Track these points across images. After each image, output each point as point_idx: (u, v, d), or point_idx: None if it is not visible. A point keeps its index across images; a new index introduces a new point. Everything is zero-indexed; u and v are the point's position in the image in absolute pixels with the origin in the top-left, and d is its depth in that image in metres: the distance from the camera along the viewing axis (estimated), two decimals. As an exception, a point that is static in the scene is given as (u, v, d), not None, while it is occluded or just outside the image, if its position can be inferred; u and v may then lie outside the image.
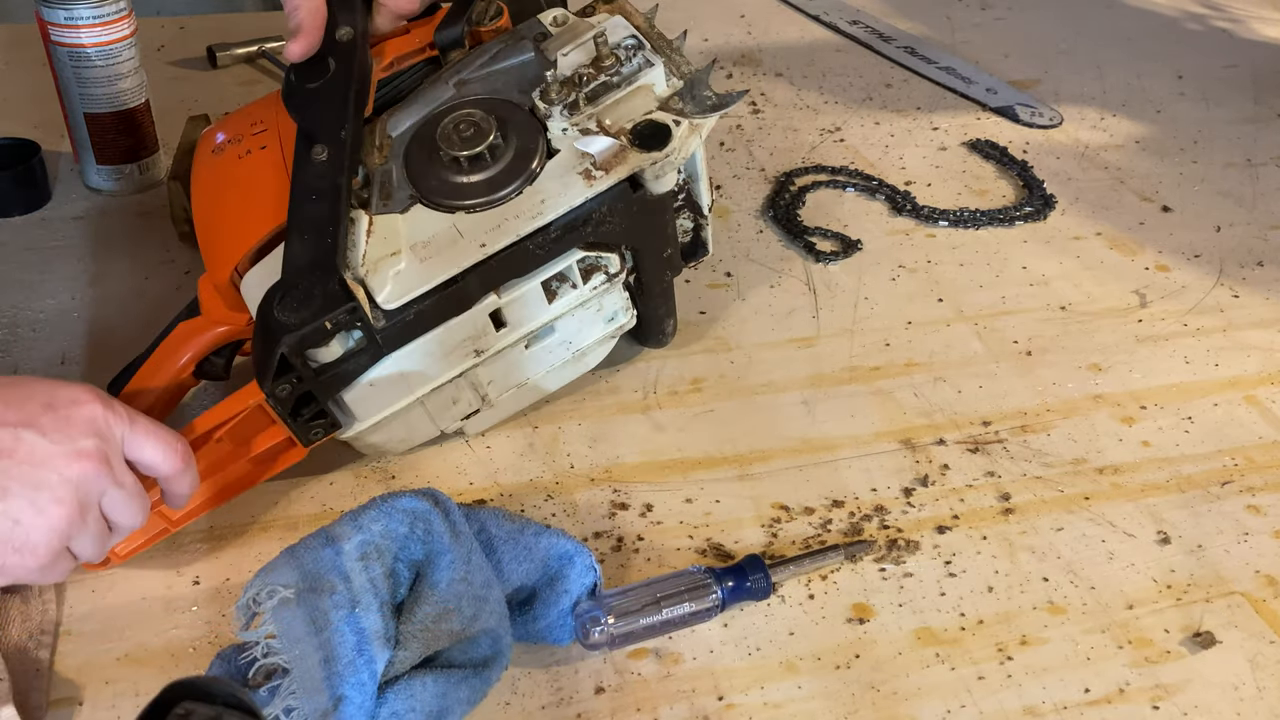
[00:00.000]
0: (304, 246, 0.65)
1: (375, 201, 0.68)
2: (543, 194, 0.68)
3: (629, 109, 0.69)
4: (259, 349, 0.64)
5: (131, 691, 0.58)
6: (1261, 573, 0.68)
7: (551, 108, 0.69)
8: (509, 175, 0.68)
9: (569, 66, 0.70)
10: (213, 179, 0.73)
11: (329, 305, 0.63)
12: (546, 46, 0.72)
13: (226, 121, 0.76)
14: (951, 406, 0.79)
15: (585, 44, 0.71)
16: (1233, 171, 1.09)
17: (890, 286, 0.91)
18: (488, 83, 0.72)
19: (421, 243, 0.66)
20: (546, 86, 0.70)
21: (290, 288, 0.63)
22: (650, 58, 0.71)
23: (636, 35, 0.72)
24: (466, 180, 0.68)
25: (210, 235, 0.71)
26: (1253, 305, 0.91)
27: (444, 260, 0.66)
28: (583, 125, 0.69)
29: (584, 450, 0.74)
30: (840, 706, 0.59)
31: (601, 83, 0.70)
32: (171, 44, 1.22)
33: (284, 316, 0.63)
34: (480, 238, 0.67)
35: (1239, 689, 0.61)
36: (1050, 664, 0.62)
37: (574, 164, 0.68)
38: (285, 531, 0.67)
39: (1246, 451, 0.77)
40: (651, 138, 0.68)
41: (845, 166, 1.05)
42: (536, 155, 0.69)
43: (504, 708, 0.58)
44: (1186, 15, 1.42)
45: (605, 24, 0.72)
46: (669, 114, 0.69)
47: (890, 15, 1.38)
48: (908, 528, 0.69)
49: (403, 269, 0.65)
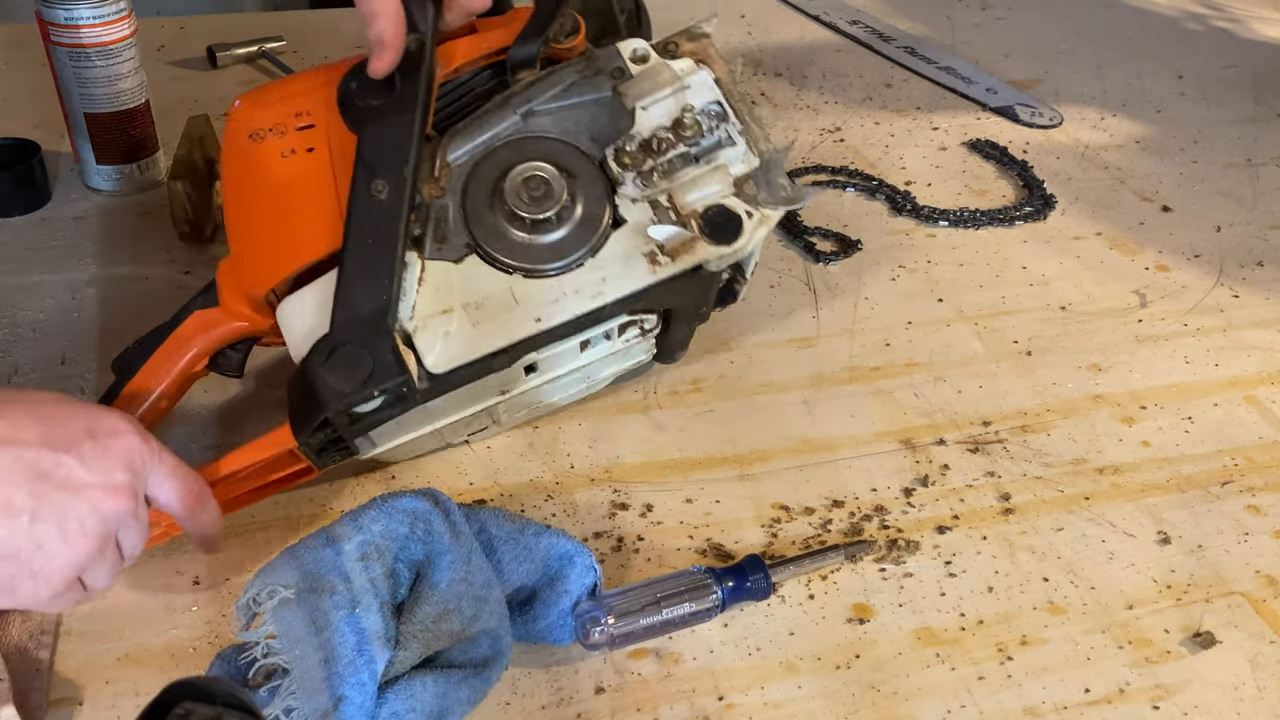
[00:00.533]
0: (356, 297, 0.62)
1: (429, 243, 0.65)
2: (604, 272, 0.66)
3: (703, 189, 0.68)
4: (299, 401, 0.62)
5: (131, 691, 0.58)
6: (1261, 573, 0.68)
7: (625, 173, 0.67)
8: (573, 242, 0.66)
9: (647, 126, 0.68)
10: (250, 172, 0.68)
11: (380, 376, 0.61)
12: (625, 90, 0.69)
13: (264, 99, 0.69)
14: (951, 406, 0.79)
15: (666, 101, 0.69)
16: (1233, 171, 1.09)
17: (890, 286, 0.91)
18: (558, 120, 0.69)
19: (475, 303, 0.65)
20: (622, 148, 0.68)
21: (339, 344, 0.62)
22: (732, 133, 0.69)
23: (720, 102, 0.70)
24: (529, 241, 0.66)
25: (243, 236, 0.68)
26: (1253, 305, 0.91)
27: (497, 328, 0.65)
28: (653, 197, 0.68)
29: (584, 450, 0.74)
30: (840, 706, 0.59)
31: (680, 154, 0.68)
32: (171, 44, 1.22)
33: (333, 381, 0.61)
34: (536, 310, 0.65)
35: (1239, 689, 0.61)
36: (1050, 664, 0.62)
37: (639, 242, 0.67)
38: (285, 531, 0.67)
39: (1246, 451, 0.77)
40: (723, 229, 0.67)
41: (845, 166, 1.05)
42: (603, 222, 0.67)
43: (504, 708, 0.58)
44: (1186, 15, 1.42)
45: (689, 80, 0.69)
46: (742, 201, 0.68)
47: (890, 15, 1.38)
48: (908, 528, 0.69)
49: (454, 331, 0.64)
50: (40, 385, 0.76)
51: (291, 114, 0.67)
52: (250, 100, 0.69)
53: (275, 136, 0.67)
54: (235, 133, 0.68)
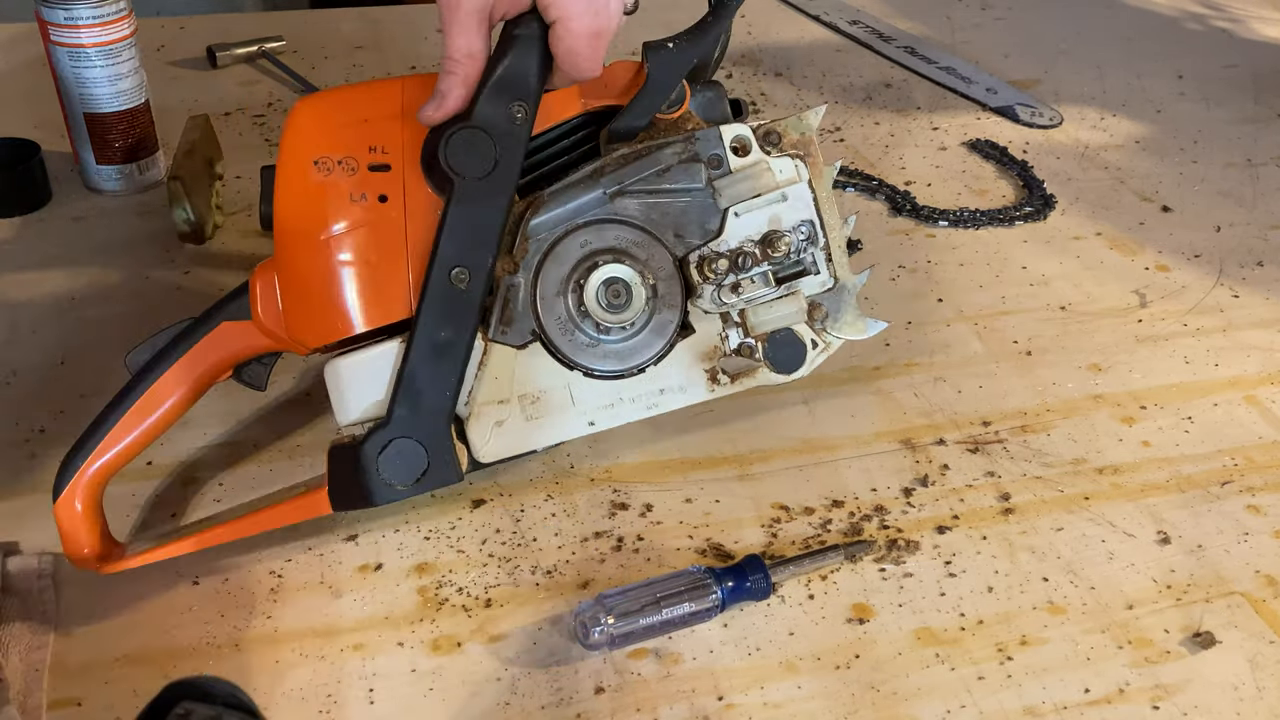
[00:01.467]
0: (420, 387, 0.61)
1: (495, 323, 0.63)
2: (664, 383, 0.66)
3: (776, 312, 0.68)
4: (346, 481, 0.62)
5: (131, 691, 0.58)
6: (1261, 573, 0.68)
7: (705, 285, 0.66)
8: (640, 348, 0.66)
9: (736, 236, 0.66)
10: (313, 210, 0.62)
11: (434, 477, 0.62)
12: (721, 188, 0.66)
13: (332, 116, 0.62)
14: (951, 406, 0.79)
15: (760, 212, 0.66)
16: (1233, 171, 1.09)
17: (890, 286, 0.91)
18: (645, 207, 0.65)
19: (532, 396, 0.64)
20: (709, 258, 0.66)
21: (396, 437, 0.61)
22: (818, 259, 0.68)
23: (813, 221, 0.68)
24: (597, 341, 0.65)
25: (296, 277, 0.63)
26: (1253, 305, 0.91)
27: (549, 425, 0.65)
28: (727, 311, 0.67)
29: (584, 450, 0.74)
30: (840, 706, 0.59)
31: (763, 272, 0.67)
32: (171, 44, 1.22)
33: (388, 477, 0.61)
34: (591, 414, 0.65)
35: (1239, 689, 0.61)
36: (1050, 664, 0.62)
37: (703, 357, 0.67)
38: (285, 532, 0.67)
39: (1246, 451, 0.77)
40: (787, 356, 0.68)
41: (845, 166, 1.05)
42: (672, 331, 0.66)
43: (504, 708, 0.58)
44: (1186, 15, 1.42)
45: (787, 190, 0.67)
46: (810, 328, 0.68)
47: (890, 15, 1.38)
48: (908, 528, 0.69)
49: (506, 423, 0.64)
50: (40, 385, 0.76)
51: (365, 147, 0.62)
52: (315, 113, 0.63)
53: (344, 173, 0.61)
54: (297, 150, 0.62)
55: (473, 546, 0.67)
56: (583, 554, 0.67)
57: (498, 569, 0.65)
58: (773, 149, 0.68)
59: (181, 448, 0.72)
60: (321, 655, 0.60)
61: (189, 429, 0.73)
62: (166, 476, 0.70)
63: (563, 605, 0.63)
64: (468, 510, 0.69)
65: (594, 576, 0.65)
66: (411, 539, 0.67)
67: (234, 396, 0.75)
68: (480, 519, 0.69)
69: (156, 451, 0.70)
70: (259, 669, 0.59)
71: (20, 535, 0.65)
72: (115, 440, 0.62)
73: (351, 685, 0.59)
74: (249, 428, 0.74)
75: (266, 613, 0.62)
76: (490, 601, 0.63)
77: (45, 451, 0.71)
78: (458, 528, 0.68)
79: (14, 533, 0.65)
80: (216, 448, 0.73)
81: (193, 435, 0.73)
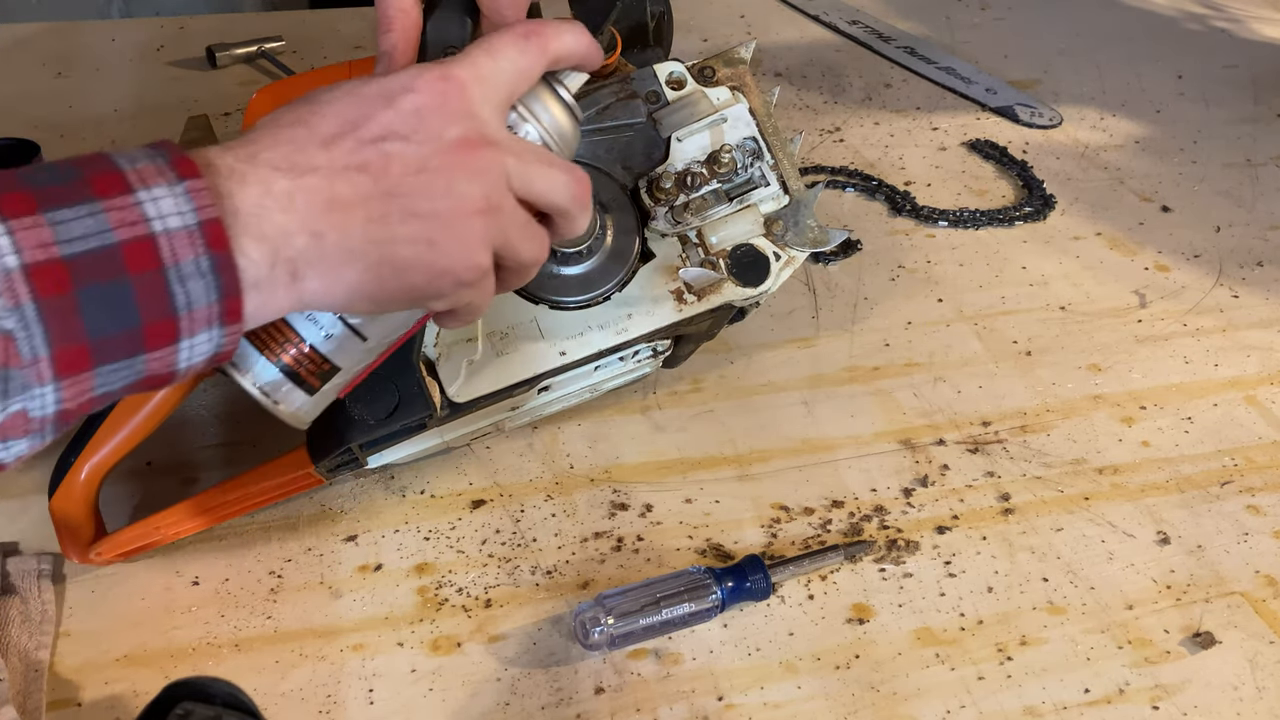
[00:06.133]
0: None
1: None
2: (631, 308, 0.66)
3: (733, 228, 0.68)
4: (320, 429, 0.61)
5: (131, 691, 0.58)
6: (1261, 573, 0.68)
7: (657, 207, 0.67)
8: (602, 275, 0.66)
9: (682, 159, 0.68)
10: None
11: (405, 410, 0.61)
12: (660, 118, 0.68)
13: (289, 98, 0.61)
14: (951, 406, 0.79)
15: (702, 133, 0.68)
16: (1233, 171, 1.09)
17: (890, 286, 0.91)
18: (590, 144, 0.67)
19: (500, 332, 0.65)
20: (657, 181, 0.67)
21: None
22: (766, 171, 0.69)
23: (756, 137, 0.69)
24: (557, 272, 0.66)
25: None
26: (1253, 305, 0.91)
27: (520, 360, 0.65)
28: (683, 233, 0.68)
29: (584, 450, 0.74)
30: (840, 707, 0.59)
31: (713, 190, 0.68)
32: (171, 44, 1.21)
33: (358, 414, 0.61)
34: (561, 343, 0.65)
35: (1239, 689, 0.61)
36: (1050, 664, 0.62)
37: (667, 279, 0.67)
38: (285, 532, 0.67)
39: (1246, 451, 0.77)
40: (750, 270, 0.68)
41: (845, 167, 1.05)
42: (632, 256, 0.67)
43: (504, 708, 0.58)
44: (1186, 15, 1.42)
45: (727, 112, 0.68)
46: (770, 241, 0.68)
47: (890, 15, 1.38)
48: (907, 528, 0.69)
49: (477, 360, 0.64)
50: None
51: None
52: (272, 97, 0.67)
53: None
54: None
55: (472, 547, 0.67)
56: (582, 554, 0.67)
57: (497, 569, 0.65)
58: (707, 83, 0.70)
59: (181, 448, 0.72)
60: (321, 655, 0.60)
61: (189, 429, 0.73)
62: (166, 476, 0.70)
63: (562, 605, 0.63)
64: (467, 510, 0.69)
65: (594, 577, 0.65)
66: (411, 539, 0.67)
67: (234, 396, 0.75)
68: (480, 519, 0.69)
69: (156, 451, 0.70)
70: (259, 669, 0.59)
71: (20, 535, 0.65)
72: (109, 436, 0.62)
73: (351, 685, 0.59)
74: (249, 428, 0.74)
75: (266, 613, 0.62)
76: (490, 602, 0.63)
77: (44, 451, 0.71)
78: (457, 528, 0.68)
79: (14, 533, 0.65)
80: (216, 448, 0.73)
81: (193, 435, 0.73)
